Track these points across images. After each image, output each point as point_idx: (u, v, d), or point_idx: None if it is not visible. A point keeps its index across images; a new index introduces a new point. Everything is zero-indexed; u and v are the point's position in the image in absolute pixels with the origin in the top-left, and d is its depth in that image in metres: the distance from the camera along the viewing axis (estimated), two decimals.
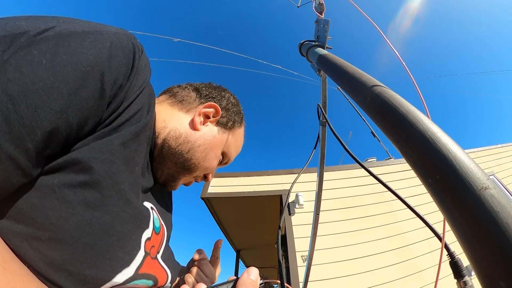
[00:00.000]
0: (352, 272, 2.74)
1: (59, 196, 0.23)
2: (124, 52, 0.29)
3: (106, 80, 0.26)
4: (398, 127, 0.27)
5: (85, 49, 0.25)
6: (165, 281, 0.40)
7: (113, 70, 0.27)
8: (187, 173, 0.47)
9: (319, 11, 0.78)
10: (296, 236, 3.00)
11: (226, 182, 3.59)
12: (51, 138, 0.23)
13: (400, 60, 0.51)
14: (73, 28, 0.25)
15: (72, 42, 0.24)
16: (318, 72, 0.74)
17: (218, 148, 0.50)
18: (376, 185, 3.32)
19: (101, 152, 0.27)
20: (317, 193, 1.01)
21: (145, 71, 0.34)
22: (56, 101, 0.22)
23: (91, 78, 0.25)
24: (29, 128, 0.21)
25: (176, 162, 0.45)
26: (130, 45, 0.31)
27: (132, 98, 0.31)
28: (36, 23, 0.23)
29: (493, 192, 0.18)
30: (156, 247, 0.38)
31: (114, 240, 0.27)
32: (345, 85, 0.42)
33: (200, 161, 0.47)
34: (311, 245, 1.08)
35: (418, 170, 0.24)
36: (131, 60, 0.30)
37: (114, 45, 0.28)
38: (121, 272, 0.28)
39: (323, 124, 0.88)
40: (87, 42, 0.25)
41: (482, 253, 0.17)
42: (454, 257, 0.41)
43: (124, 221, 0.29)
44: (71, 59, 0.23)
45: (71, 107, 0.23)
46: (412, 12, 60.72)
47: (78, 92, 0.24)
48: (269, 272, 7.75)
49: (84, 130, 0.27)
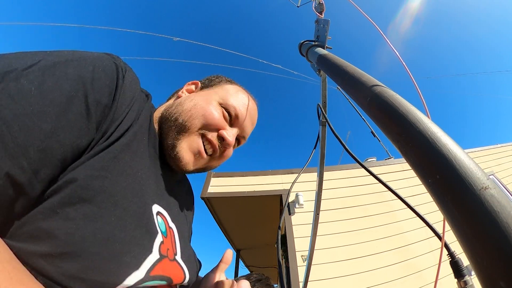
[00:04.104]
0: (352, 272, 2.74)
1: (62, 216, 0.26)
2: (107, 74, 0.32)
3: (90, 101, 0.29)
4: (398, 127, 0.27)
5: (69, 75, 0.28)
6: (182, 280, 0.41)
7: (96, 92, 0.30)
8: (182, 132, 0.46)
9: (319, 11, 0.78)
10: (296, 236, 3.00)
11: (226, 182, 3.59)
12: (45, 157, 0.25)
13: (400, 60, 0.51)
14: (57, 59, 0.28)
15: (57, 71, 0.27)
16: (318, 72, 0.74)
17: (207, 101, 0.50)
18: (376, 185, 3.32)
19: (94, 169, 0.29)
20: (317, 193, 1.01)
21: (131, 88, 0.36)
22: (45, 122, 0.25)
23: (76, 101, 0.28)
24: (22, 147, 0.23)
25: (170, 128, 0.46)
26: (113, 67, 0.33)
27: (122, 117, 0.34)
28: (24, 60, 0.26)
29: (493, 192, 0.18)
30: (171, 249, 0.40)
31: (118, 246, 0.29)
32: (345, 85, 0.42)
33: (189, 116, 0.47)
34: (311, 245, 1.08)
35: (418, 170, 0.24)
36: (114, 81, 0.33)
37: (96, 69, 0.31)
38: (130, 275, 0.30)
39: (323, 124, 0.88)
40: (71, 69, 0.28)
41: (482, 253, 0.17)
42: (455, 256, 0.41)
43: (125, 229, 0.30)
44: (57, 86, 0.26)
45: (60, 127, 0.26)
46: (412, 12, 60.70)
47: (65, 114, 0.27)
48: (269, 272, 7.76)
49: (79, 149, 0.29)
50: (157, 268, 0.34)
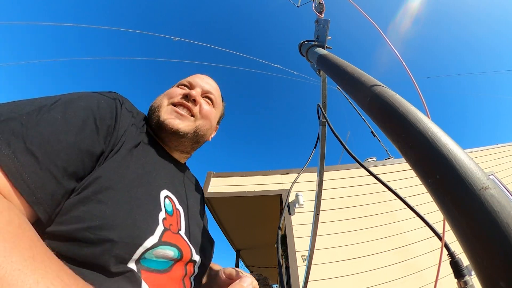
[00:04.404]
0: (352, 272, 2.74)
1: (95, 201, 0.37)
2: (108, 104, 0.47)
3: (98, 123, 0.43)
4: (398, 127, 0.27)
5: (81, 106, 0.42)
6: (190, 255, 0.51)
7: (102, 116, 0.44)
8: (158, 111, 0.60)
9: (319, 11, 0.78)
10: (296, 236, 3.00)
11: (226, 182, 3.59)
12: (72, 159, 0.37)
13: (400, 60, 0.51)
14: (72, 96, 0.43)
15: (73, 104, 0.41)
16: (318, 72, 0.74)
17: (172, 88, 0.67)
18: (376, 185, 3.32)
19: (111, 167, 0.42)
20: (317, 193, 1.01)
21: (128, 115, 0.52)
22: (70, 136, 0.38)
23: (88, 122, 0.41)
24: (57, 151, 0.35)
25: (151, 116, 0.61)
26: (112, 100, 0.49)
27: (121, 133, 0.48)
28: (50, 99, 0.40)
29: (493, 192, 0.18)
30: (174, 225, 0.50)
31: (137, 218, 0.40)
32: (345, 85, 0.42)
33: (158, 100, 0.63)
34: (311, 245, 1.08)
35: (418, 169, 0.24)
36: (114, 109, 0.48)
37: (100, 101, 0.45)
38: (148, 239, 0.41)
39: (323, 124, 0.88)
40: (82, 102, 0.43)
41: (482, 253, 0.17)
42: (455, 256, 0.41)
43: (140, 206, 0.42)
44: (74, 113, 0.40)
45: (79, 140, 0.39)
46: (412, 12, 60.58)
47: (82, 132, 0.40)
48: (269, 272, 7.76)
49: (93, 155, 0.41)
50: (165, 236, 0.45)
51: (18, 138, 0.32)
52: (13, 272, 0.22)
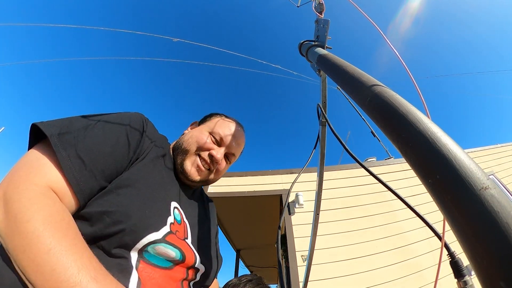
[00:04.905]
0: (352, 272, 2.74)
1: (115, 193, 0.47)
2: (137, 123, 0.58)
3: (130, 137, 0.54)
4: (398, 127, 0.27)
5: (117, 125, 0.53)
6: (193, 261, 0.56)
7: (133, 132, 0.55)
8: (185, 155, 0.68)
9: (319, 11, 0.78)
10: (296, 235, 3.00)
11: (226, 182, 3.59)
12: (108, 164, 0.48)
13: (400, 60, 0.51)
14: (110, 117, 0.54)
15: (111, 123, 0.52)
16: (318, 72, 0.74)
17: (200, 132, 0.73)
18: (376, 185, 3.32)
19: (134, 170, 0.53)
20: (317, 192, 1.01)
21: (152, 132, 0.63)
22: (107, 147, 0.49)
23: (122, 137, 0.52)
24: (98, 158, 0.47)
25: (177, 153, 0.70)
26: (140, 120, 0.59)
27: (146, 146, 0.58)
28: (94, 118, 0.51)
29: (493, 192, 0.18)
30: (181, 232, 0.56)
31: (146, 213, 0.48)
32: (345, 85, 0.42)
33: (188, 143, 0.69)
34: (311, 245, 1.08)
35: (418, 170, 0.24)
36: (141, 127, 0.58)
37: (132, 120, 0.57)
38: (151, 234, 0.47)
39: (323, 124, 0.88)
40: (118, 120, 0.54)
41: (482, 253, 0.17)
42: (455, 256, 0.41)
43: (152, 204, 0.51)
44: (111, 130, 0.51)
45: (114, 151, 0.50)
46: (412, 11, 60.59)
47: (117, 144, 0.51)
48: (269, 272, 7.75)
49: (126, 163, 0.52)
50: (169, 237, 0.50)
51: (71, 146, 0.44)
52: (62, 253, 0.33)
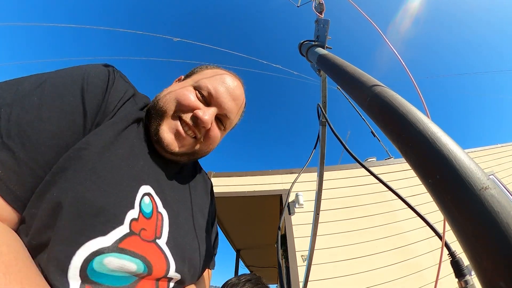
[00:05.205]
0: (352, 272, 2.74)
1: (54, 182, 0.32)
2: (99, 78, 0.41)
3: (86, 102, 0.38)
4: (398, 127, 0.27)
5: (66, 85, 0.37)
6: (164, 271, 0.39)
7: (90, 93, 0.39)
8: (161, 117, 0.49)
9: (319, 11, 0.78)
10: (296, 235, 3.00)
11: (226, 182, 3.59)
12: (53, 151, 0.34)
13: (400, 60, 0.51)
14: (53, 77, 0.38)
15: (55, 86, 0.36)
16: (318, 72, 0.74)
17: (181, 86, 0.53)
18: (376, 185, 3.32)
19: (80, 143, 0.36)
20: (317, 192, 1.01)
21: (121, 91, 0.45)
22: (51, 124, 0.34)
23: (74, 104, 0.36)
24: (37, 145, 0.32)
25: (152, 116, 0.50)
26: (104, 73, 0.42)
27: (111, 110, 0.42)
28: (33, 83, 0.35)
29: (493, 192, 0.18)
30: (150, 230, 0.39)
31: (86, 208, 0.32)
32: (345, 85, 0.42)
33: (165, 103, 0.50)
34: (311, 245, 1.08)
35: (418, 170, 0.24)
36: (105, 83, 0.41)
37: (89, 75, 0.40)
38: (95, 239, 0.31)
39: (323, 124, 0.88)
40: (68, 79, 0.38)
41: (482, 253, 0.17)
42: (455, 256, 0.41)
43: (98, 194, 0.33)
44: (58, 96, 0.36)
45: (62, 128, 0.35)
46: (412, 11, 60.60)
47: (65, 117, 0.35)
48: (270, 272, 7.76)
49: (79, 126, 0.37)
50: (127, 242, 0.34)
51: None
52: None
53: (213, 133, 0.53)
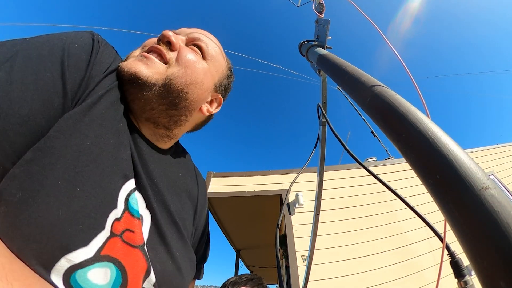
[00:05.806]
0: (352, 272, 2.74)
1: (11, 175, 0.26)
2: (81, 48, 0.34)
3: (67, 77, 0.31)
4: (398, 127, 0.27)
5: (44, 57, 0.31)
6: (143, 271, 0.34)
7: (72, 66, 0.32)
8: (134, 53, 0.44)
9: (319, 11, 0.78)
10: (296, 235, 3.00)
11: (226, 182, 3.59)
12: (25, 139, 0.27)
13: (400, 60, 0.51)
14: (28, 46, 0.31)
15: (30, 59, 0.30)
16: (318, 72, 0.74)
17: None
18: (376, 185, 3.31)
19: (51, 131, 0.29)
20: (317, 193, 1.01)
21: (105, 62, 0.38)
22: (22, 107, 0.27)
23: (52, 81, 0.30)
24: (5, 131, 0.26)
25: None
26: (87, 41, 0.36)
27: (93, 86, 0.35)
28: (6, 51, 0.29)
29: (493, 192, 0.18)
30: (137, 233, 0.34)
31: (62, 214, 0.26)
32: (345, 85, 0.42)
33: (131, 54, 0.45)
34: (311, 245, 1.08)
35: (418, 170, 0.24)
36: (88, 53, 0.35)
37: (70, 44, 0.34)
38: (75, 251, 0.26)
39: (323, 124, 0.88)
40: (46, 49, 0.31)
41: (482, 253, 0.17)
42: (455, 256, 0.41)
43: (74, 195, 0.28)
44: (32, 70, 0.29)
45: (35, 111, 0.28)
46: (412, 11, 60.62)
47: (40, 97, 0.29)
48: (270, 272, 7.76)
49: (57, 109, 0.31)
50: (108, 247, 0.30)
51: None
52: None
53: (188, 55, 0.45)
